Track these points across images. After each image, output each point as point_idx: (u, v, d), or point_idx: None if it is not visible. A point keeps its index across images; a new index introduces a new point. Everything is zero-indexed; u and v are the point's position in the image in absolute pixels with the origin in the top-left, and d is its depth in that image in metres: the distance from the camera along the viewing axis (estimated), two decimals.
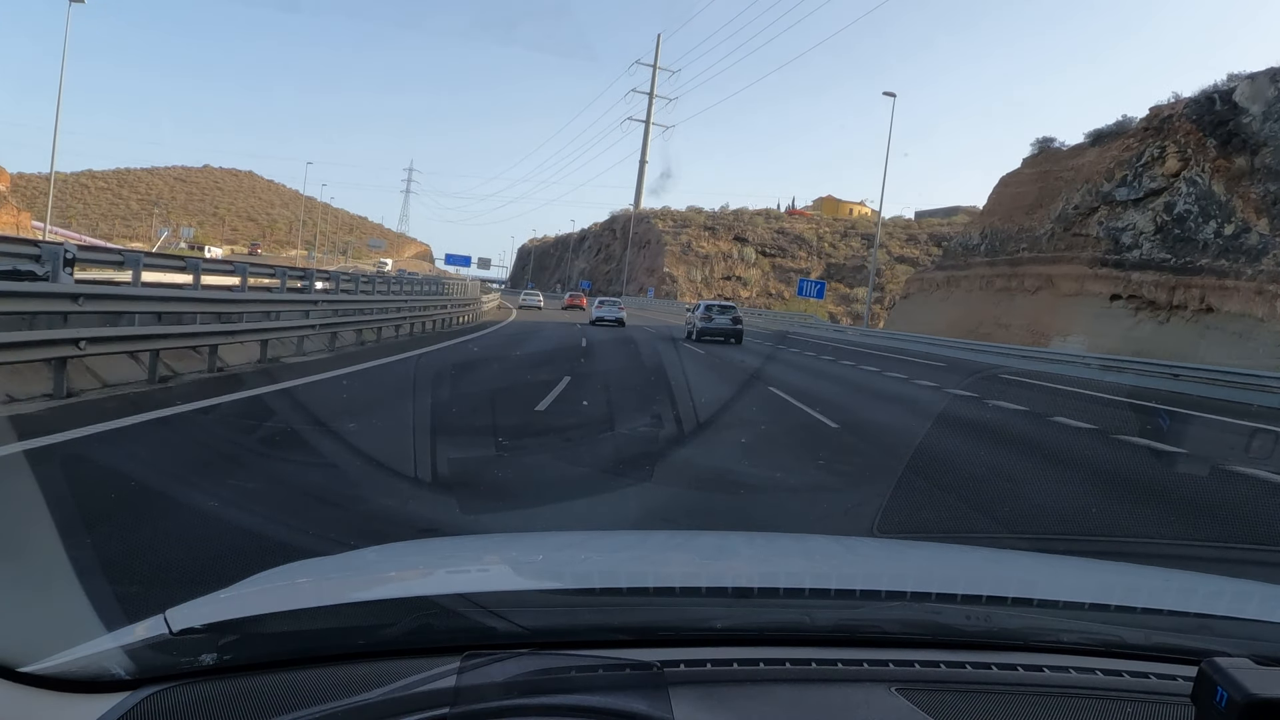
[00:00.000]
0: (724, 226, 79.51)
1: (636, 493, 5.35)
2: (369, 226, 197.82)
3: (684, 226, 79.46)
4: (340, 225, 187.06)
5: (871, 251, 36.68)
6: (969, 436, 8.68)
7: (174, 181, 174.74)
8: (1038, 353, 24.23)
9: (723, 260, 75.30)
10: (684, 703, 0.91)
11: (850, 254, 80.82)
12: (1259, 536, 5.12)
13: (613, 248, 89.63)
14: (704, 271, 73.76)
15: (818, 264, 78.58)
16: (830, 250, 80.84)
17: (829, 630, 1.12)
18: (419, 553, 1.78)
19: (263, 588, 1.28)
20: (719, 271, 74.66)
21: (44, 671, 0.95)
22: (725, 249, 76.58)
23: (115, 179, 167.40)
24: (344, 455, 5.68)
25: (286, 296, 12.21)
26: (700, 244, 76.62)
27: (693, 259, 74.66)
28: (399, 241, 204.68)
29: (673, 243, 76.11)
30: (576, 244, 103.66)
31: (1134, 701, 1.01)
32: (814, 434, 8.34)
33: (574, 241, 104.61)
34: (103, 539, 3.43)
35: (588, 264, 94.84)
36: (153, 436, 5.92)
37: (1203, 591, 1.59)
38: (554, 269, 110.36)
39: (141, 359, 8.10)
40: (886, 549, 2.28)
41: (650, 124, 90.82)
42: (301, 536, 3.76)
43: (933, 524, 4.84)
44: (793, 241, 79.92)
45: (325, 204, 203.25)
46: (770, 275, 76.37)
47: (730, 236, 78.49)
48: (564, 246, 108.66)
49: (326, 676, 0.95)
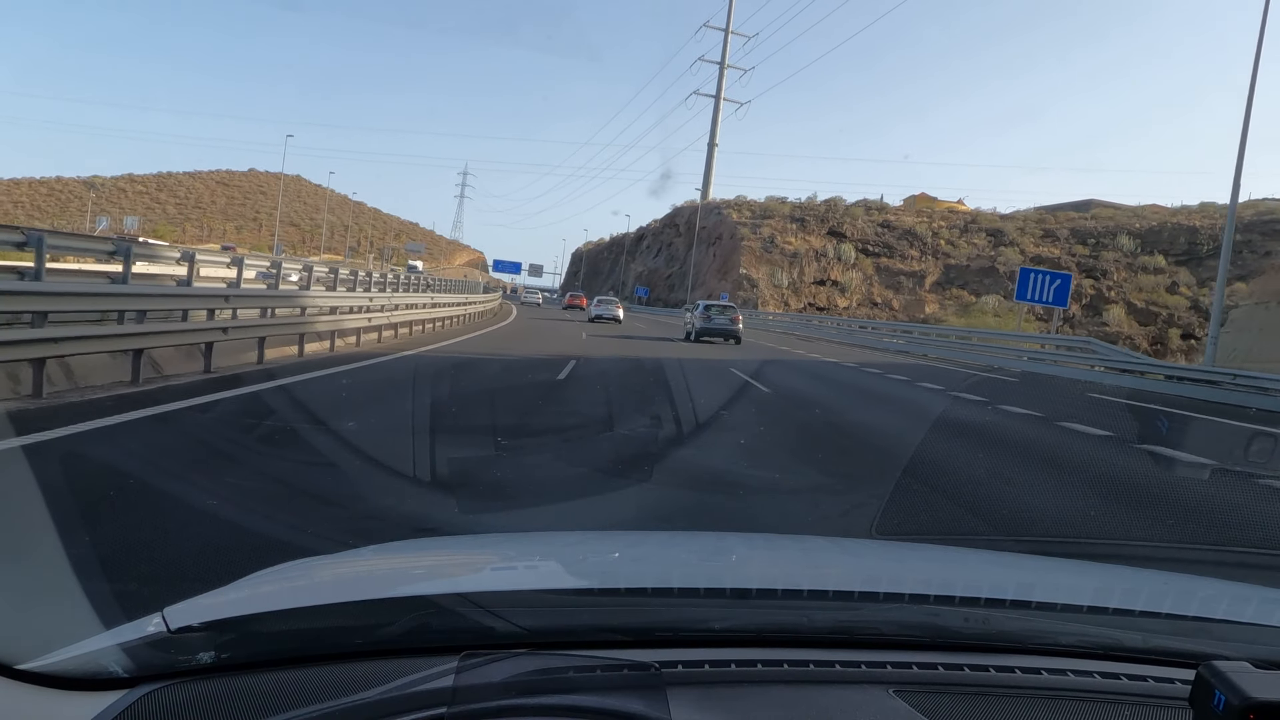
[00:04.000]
0: (815, 218, 63.51)
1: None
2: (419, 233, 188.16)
3: (765, 218, 63.74)
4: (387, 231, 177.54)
5: (1223, 245, 19.79)
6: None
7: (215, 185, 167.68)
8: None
9: (815, 259, 59.36)
10: (681, 704, 0.91)
11: (973, 253, 64.19)
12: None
13: (675, 246, 74.46)
14: (791, 274, 57.94)
15: (933, 265, 62.20)
16: (948, 249, 64.31)
17: (827, 632, 1.13)
18: (417, 552, 1.80)
19: (260, 586, 1.28)
20: (810, 274, 58.73)
21: (42, 669, 0.96)
22: (817, 245, 60.65)
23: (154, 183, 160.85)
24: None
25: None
26: (786, 239, 60.78)
27: (777, 258, 58.88)
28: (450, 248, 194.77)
29: (751, 237, 60.48)
30: (633, 245, 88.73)
31: (1131, 704, 1.02)
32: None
33: (630, 242, 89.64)
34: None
35: (645, 266, 79.84)
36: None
37: (1201, 595, 1.58)
38: (607, 274, 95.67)
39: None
40: (884, 551, 2.31)
41: (721, 98, 75.55)
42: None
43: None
44: (901, 237, 63.63)
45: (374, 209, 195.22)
46: (874, 279, 60.25)
47: (823, 231, 62.48)
48: (619, 248, 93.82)
49: (324, 675, 0.95)
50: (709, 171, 74.05)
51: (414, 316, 18.54)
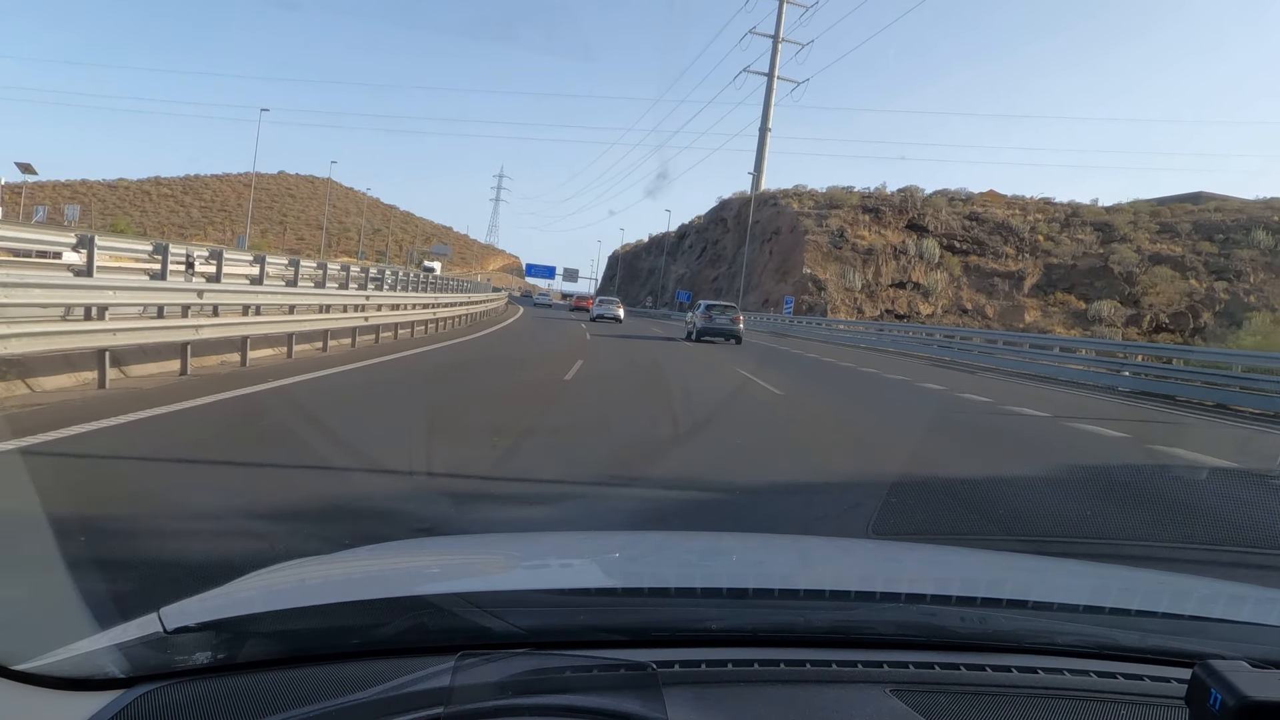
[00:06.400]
0: (891, 208, 53.54)
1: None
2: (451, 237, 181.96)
3: (831, 208, 53.89)
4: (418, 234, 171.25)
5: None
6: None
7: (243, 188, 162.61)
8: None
9: (892, 257, 49.43)
10: (678, 703, 0.91)
11: (1078, 250, 53.90)
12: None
13: (723, 244, 64.86)
14: (865, 274, 48.06)
15: (1032, 265, 52.03)
16: (1048, 245, 54.14)
17: (824, 631, 1.12)
18: (414, 552, 1.79)
19: (257, 586, 1.27)
20: (887, 275, 48.82)
21: (39, 669, 0.96)
22: (895, 240, 50.72)
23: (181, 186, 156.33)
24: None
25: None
26: (859, 232, 50.90)
27: (848, 255, 49.02)
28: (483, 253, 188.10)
29: (816, 230, 50.68)
30: (674, 244, 79.17)
31: (1128, 704, 1.02)
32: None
33: (670, 241, 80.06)
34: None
35: (687, 268, 70.31)
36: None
37: (1198, 594, 1.58)
38: (645, 277, 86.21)
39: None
40: (881, 550, 2.28)
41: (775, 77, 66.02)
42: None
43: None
44: (993, 232, 53.54)
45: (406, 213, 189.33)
46: (962, 281, 50.24)
47: (901, 224, 52.52)
48: (658, 248, 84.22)
49: (320, 675, 0.95)
50: (761, 158, 64.51)
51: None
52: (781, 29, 65.69)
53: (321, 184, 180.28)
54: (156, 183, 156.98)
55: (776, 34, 65.64)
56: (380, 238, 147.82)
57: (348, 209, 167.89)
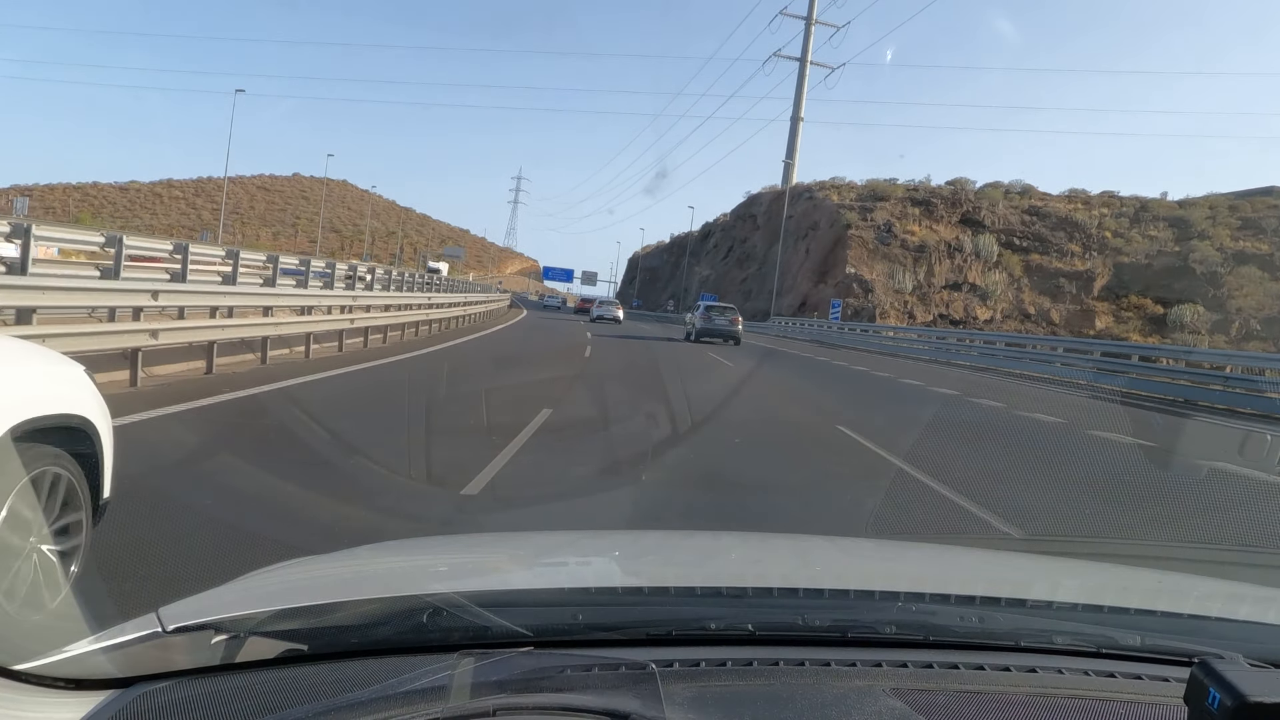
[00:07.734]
0: (943, 201, 47.96)
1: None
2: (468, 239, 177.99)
3: (876, 200, 48.34)
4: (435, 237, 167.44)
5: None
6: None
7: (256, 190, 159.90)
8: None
9: (946, 255, 43.87)
10: (678, 703, 0.91)
11: (1153, 249, 48.11)
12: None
13: (751, 242, 59.49)
14: (916, 274, 42.54)
15: (1101, 264, 46.34)
16: (1118, 243, 48.37)
17: (823, 630, 1.13)
18: (413, 551, 1.78)
19: (255, 586, 1.27)
20: (941, 276, 43.27)
21: (38, 669, 0.96)
22: (948, 236, 45.17)
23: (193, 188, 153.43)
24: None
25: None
26: (908, 226, 45.36)
27: (897, 252, 43.53)
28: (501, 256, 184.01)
29: (860, 224, 45.20)
30: (698, 244, 73.81)
31: (1126, 703, 1.01)
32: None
33: (693, 241, 74.70)
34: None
35: (713, 269, 64.93)
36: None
37: (1196, 593, 1.57)
38: (667, 280, 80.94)
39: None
40: (881, 549, 2.27)
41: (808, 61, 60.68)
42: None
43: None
44: (1055, 227, 47.85)
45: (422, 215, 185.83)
46: (1023, 283, 44.65)
47: (954, 218, 46.95)
48: (680, 249, 78.92)
49: (319, 674, 0.95)
50: (793, 149, 59.20)
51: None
52: (815, 8, 60.38)
53: (336, 186, 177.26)
54: (168, 185, 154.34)
55: (810, 14, 60.32)
56: (394, 240, 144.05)
57: (362, 211, 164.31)
